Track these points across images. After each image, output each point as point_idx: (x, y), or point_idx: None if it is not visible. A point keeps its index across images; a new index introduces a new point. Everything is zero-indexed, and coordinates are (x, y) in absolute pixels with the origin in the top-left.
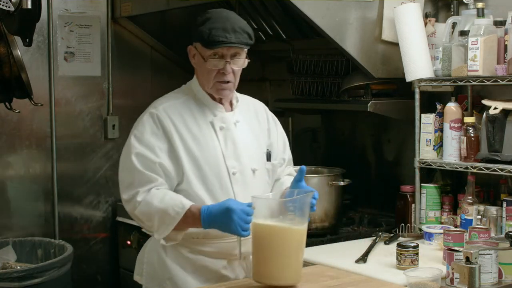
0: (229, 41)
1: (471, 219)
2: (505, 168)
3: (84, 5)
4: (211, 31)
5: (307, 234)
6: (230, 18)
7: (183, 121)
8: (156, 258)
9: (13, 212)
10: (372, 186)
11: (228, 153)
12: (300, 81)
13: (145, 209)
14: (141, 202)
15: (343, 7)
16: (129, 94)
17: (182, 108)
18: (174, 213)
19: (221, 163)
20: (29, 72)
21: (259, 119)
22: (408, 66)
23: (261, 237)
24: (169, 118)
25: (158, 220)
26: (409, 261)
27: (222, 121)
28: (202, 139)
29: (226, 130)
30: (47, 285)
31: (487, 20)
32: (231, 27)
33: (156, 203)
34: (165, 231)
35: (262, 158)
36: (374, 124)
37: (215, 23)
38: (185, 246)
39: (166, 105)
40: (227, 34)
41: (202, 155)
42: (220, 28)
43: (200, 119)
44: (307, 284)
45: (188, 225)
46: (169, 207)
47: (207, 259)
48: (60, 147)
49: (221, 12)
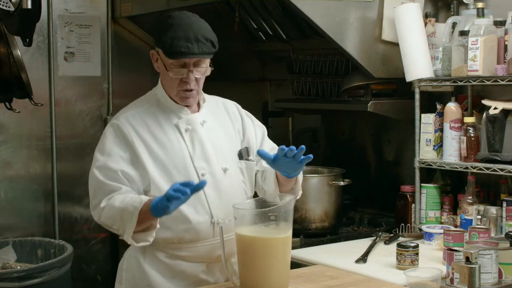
0: (192, 52)
1: (471, 219)
2: (505, 168)
3: (84, 5)
4: (173, 40)
5: (309, 234)
6: (193, 25)
7: (147, 127)
8: (135, 265)
9: (13, 212)
10: (372, 186)
11: (196, 154)
12: (300, 81)
13: (108, 213)
14: (104, 208)
15: (343, 7)
16: (129, 94)
17: (145, 115)
18: (132, 209)
19: (189, 165)
20: (29, 72)
21: (231, 118)
22: (408, 66)
23: (245, 247)
24: (131, 126)
25: (120, 219)
26: (409, 261)
27: (187, 122)
28: (167, 143)
29: (192, 131)
30: (47, 285)
31: (487, 20)
32: (194, 36)
33: (117, 204)
34: (129, 229)
35: (233, 157)
36: (374, 124)
37: (177, 31)
38: (162, 252)
39: (127, 114)
40: (189, 44)
41: (168, 159)
42: (182, 38)
43: (164, 124)
44: (307, 284)
45: (145, 220)
46: (128, 205)
47: (185, 264)
48: (60, 147)
49: (184, 18)
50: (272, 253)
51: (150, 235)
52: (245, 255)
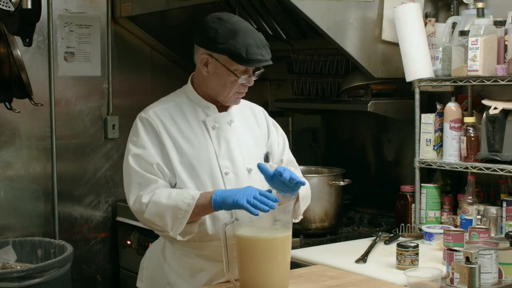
0: (265, 59)
1: (471, 219)
2: (505, 168)
3: (84, 5)
4: (248, 48)
5: (309, 234)
6: (254, 32)
7: (175, 123)
8: (155, 263)
9: (13, 212)
10: (372, 186)
11: (221, 152)
12: (300, 81)
13: (154, 210)
14: (148, 204)
15: (343, 7)
16: (129, 94)
17: (173, 111)
18: (185, 206)
19: (214, 162)
20: (29, 72)
21: (257, 122)
22: (408, 66)
23: (245, 247)
24: (159, 120)
25: (171, 217)
26: (409, 261)
27: (215, 120)
28: (194, 139)
29: (219, 129)
30: (47, 285)
31: (487, 20)
32: (261, 43)
33: (164, 201)
34: (180, 226)
35: (259, 158)
36: (374, 124)
37: (246, 38)
38: (182, 250)
39: (156, 108)
40: (261, 51)
41: (194, 155)
42: (254, 45)
43: (192, 120)
44: (307, 284)
45: (199, 214)
46: (179, 201)
47: (204, 263)
48: (60, 147)
49: (240, 22)
50: (272, 253)
51: (195, 226)
52: (245, 255)
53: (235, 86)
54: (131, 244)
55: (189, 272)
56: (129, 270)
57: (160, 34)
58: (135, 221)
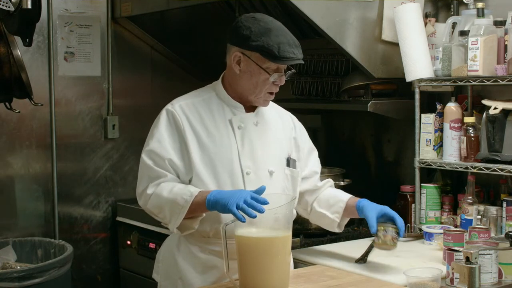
0: (297, 58)
1: (471, 219)
2: (505, 168)
3: (84, 5)
4: (280, 46)
5: (309, 234)
6: (287, 31)
7: (200, 118)
8: (169, 257)
9: (13, 212)
10: (372, 186)
11: (244, 152)
12: (300, 81)
13: (155, 201)
14: (151, 195)
15: (343, 7)
16: (129, 94)
17: (200, 106)
18: (183, 202)
19: (236, 162)
20: (29, 72)
21: (284, 125)
22: (408, 66)
23: (245, 247)
24: (184, 115)
25: (169, 210)
26: (390, 238)
27: (241, 120)
28: (218, 136)
29: (244, 129)
30: (47, 285)
31: (487, 20)
32: (293, 42)
33: (165, 194)
34: (177, 221)
35: (282, 162)
36: (374, 124)
37: (279, 36)
38: (196, 246)
39: (183, 102)
40: (293, 49)
41: (216, 153)
42: (286, 43)
43: (218, 118)
44: (307, 284)
45: (196, 211)
46: (178, 197)
47: (217, 260)
48: (60, 147)
49: (274, 21)
50: (272, 253)
51: (196, 223)
52: (245, 255)
53: (266, 85)
54: (131, 244)
55: (202, 268)
56: (129, 270)
57: (160, 34)
58: (135, 221)
